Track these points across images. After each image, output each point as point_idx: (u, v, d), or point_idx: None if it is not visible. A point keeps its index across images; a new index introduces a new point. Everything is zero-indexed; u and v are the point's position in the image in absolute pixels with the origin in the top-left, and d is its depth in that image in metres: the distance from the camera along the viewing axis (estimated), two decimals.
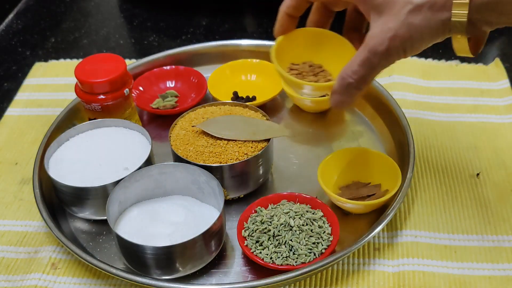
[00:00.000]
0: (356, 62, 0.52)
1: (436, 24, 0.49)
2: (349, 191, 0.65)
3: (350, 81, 0.53)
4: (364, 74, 0.53)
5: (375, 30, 0.51)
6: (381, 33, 0.50)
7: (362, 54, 0.52)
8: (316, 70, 0.62)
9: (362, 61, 0.52)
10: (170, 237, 0.58)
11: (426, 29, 0.49)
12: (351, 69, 0.53)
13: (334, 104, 0.56)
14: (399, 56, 0.52)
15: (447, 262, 0.60)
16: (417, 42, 0.50)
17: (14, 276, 0.62)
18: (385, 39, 0.50)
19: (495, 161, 0.71)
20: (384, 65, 0.52)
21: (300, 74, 0.61)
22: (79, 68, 0.71)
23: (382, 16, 0.51)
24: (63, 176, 0.64)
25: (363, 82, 0.53)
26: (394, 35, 0.50)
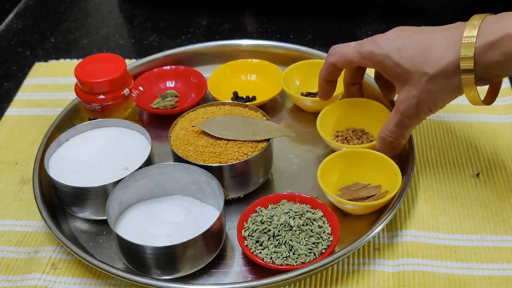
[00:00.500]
0: (392, 124, 0.64)
1: (451, 88, 0.58)
2: (349, 192, 0.65)
3: (390, 139, 0.65)
4: (400, 133, 0.64)
5: (402, 97, 0.62)
6: (407, 100, 0.61)
7: (395, 117, 0.63)
8: (359, 133, 0.72)
9: (397, 123, 0.63)
10: (170, 237, 0.58)
11: (443, 93, 0.59)
12: (388, 129, 0.64)
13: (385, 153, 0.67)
14: (426, 115, 0.62)
15: (447, 262, 0.60)
16: (439, 103, 0.60)
17: (14, 276, 0.62)
18: (412, 105, 0.61)
19: (495, 161, 0.71)
20: (415, 124, 0.63)
21: (345, 139, 0.72)
22: (79, 68, 0.71)
23: (405, 85, 0.61)
24: (63, 176, 0.64)
25: (401, 138, 0.65)
26: (418, 101, 0.60)
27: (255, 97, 0.80)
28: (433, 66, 0.57)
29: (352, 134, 0.72)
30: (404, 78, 0.60)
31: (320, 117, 0.71)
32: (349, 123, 0.73)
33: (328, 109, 0.72)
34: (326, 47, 0.79)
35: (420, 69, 0.58)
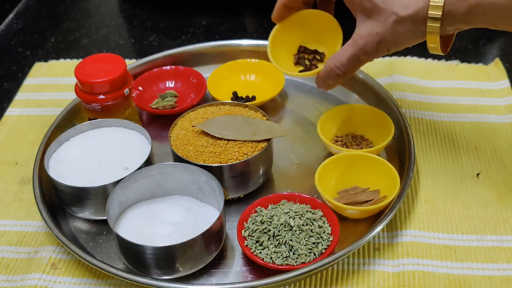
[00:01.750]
0: (345, 57, 0.62)
1: (416, 33, 0.58)
2: (347, 195, 0.65)
3: (338, 72, 0.63)
4: (351, 67, 0.62)
5: (364, 31, 0.60)
6: (370, 36, 0.60)
7: (351, 51, 0.61)
8: (358, 139, 0.72)
9: (351, 56, 0.61)
10: (170, 237, 0.58)
11: (407, 36, 0.59)
12: (339, 61, 0.62)
13: (320, 87, 0.66)
14: (383, 54, 0.61)
15: (447, 262, 0.60)
16: (400, 45, 0.60)
17: (14, 276, 0.62)
18: (374, 42, 0.60)
19: (495, 161, 0.71)
20: (369, 61, 0.62)
21: (345, 144, 0.71)
22: (79, 68, 0.71)
23: (370, 19, 0.60)
24: (63, 176, 0.64)
25: (349, 72, 0.63)
26: (381, 39, 0.59)
27: (255, 97, 0.80)
28: (404, 9, 0.57)
29: (351, 140, 0.72)
30: (370, 12, 0.59)
31: (320, 121, 0.71)
32: (349, 129, 0.73)
33: (329, 114, 0.72)
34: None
35: (391, 8, 0.58)
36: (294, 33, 0.70)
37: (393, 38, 0.59)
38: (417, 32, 0.58)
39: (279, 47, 0.70)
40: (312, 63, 0.70)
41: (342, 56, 0.62)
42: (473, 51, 0.90)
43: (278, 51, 0.69)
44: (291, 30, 0.69)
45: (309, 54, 0.71)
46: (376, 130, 0.71)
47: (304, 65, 0.70)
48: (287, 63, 0.71)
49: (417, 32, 0.58)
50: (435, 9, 0.56)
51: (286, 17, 0.69)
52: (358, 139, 0.72)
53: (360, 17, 0.61)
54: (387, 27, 0.59)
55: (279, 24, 0.69)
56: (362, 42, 0.60)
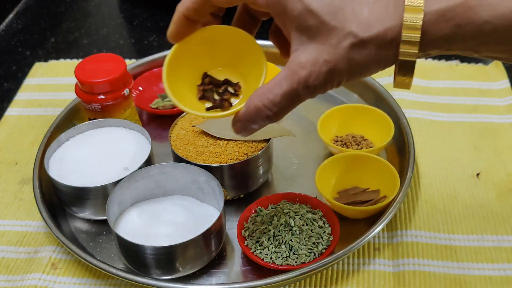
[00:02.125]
0: (278, 93, 0.44)
1: (380, 61, 0.43)
2: (347, 195, 0.65)
3: (269, 114, 0.45)
4: (286, 106, 0.45)
5: (306, 58, 0.43)
6: (314, 65, 0.43)
7: (287, 85, 0.44)
8: (358, 139, 0.68)
9: (288, 92, 0.44)
10: (170, 237, 0.58)
11: (368, 65, 0.43)
12: (270, 99, 0.45)
13: (240, 132, 0.49)
14: (331, 88, 0.45)
15: (447, 262, 0.60)
16: (355, 76, 0.44)
17: (14, 276, 0.62)
18: (320, 73, 0.43)
19: (495, 161, 0.71)
20: (310, 97, 0.45)
21: (345, 144, 0.67)
22: (79, 68, 0.71)
23: (314, 41, 0.43)
24: (63, 176, 0.64)
25: (282, 114, 0.45)
26: (332, 69, 0.43)
27: None
28: (366, 28, 0.41)
29: (351, 140, 0.71)
30: (315, 32, 0.42)
31: (320, 121, 0.71)
32: (349, 129, 0.73)
33: (329, 114, 0.72)
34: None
35: (346, 27, 0.42)
36: (198, 57, 0.51)
37: (348, 68, 0.43)
38: (381, 59, 0.43)
39: (178, 74, 0.50)
40: (224, 97, 0.51)
41: (273, 91, 0.44)
42: None
43: (177, 81, 0.50)
44: (194, 52, 0.50)
45: (218, 85, 0.52)
46: (376, 130, 0.71)
47: (213, 100, 0.51)
48: (189, 96, 0.52)
49: (381, 59, 0.43)
50: (411, 30, 0.41)
51: (187, 34, 0.49)
52: (358, 139, 0.72)
53: (299, 39, 0.44)
54: (340, 52, 0.42)
55: (178, 44, 0.50)
56: (304, 74, 0.43)
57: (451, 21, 0.40)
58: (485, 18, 0.39)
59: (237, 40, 0.50)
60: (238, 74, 0.52)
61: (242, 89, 0.51)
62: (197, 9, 0.47)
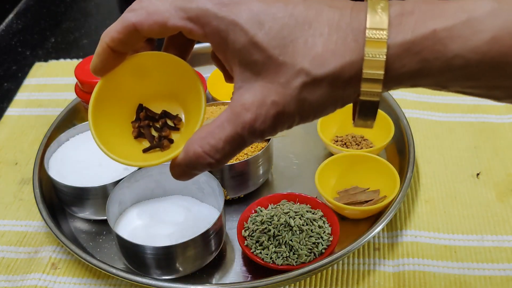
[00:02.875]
0: (221, 138, 0.39)
1: (336, 100, 0.38)
2: (347, 195, 0.65)
3: (211, 161, 0.40)
4: (229, 152, 0.40)
5: (250, 99, 0.38)
6: (261, 107, 0.37)
7: (231, 129, 0.39)
8: (358, 139, 0.68)
9: (231, 137, 0.39)
10: (170, 237, 0.58)
11: (321, 105, 0.38)
12: (212, 145, 0.40)
13: (178, 177, 0.44)
14: (281, 131, 0.40)
15: (447, 262, 0.60)
16: (308, 117, 0.39)
17: (14, 276, 0.62)
18: (268, 116, 0.38)
19: (495, 161, 0.71)
20: (259, 141, 0.42)
21: (345, 144, 0.68)
22: (79, 68, 0.71)
23: (260, 79, 0.38)
24: (63, 176, 0.64)
25: (225, 161, 0.40)
26: (280, 112, 0.37)
27: None
28: (320, 65, 0.36)
29: (351, 140, 0.71)
30: (261, 68, 0.37)
31: (320, 121, 0.71)
32: (349, 129, 0.73)
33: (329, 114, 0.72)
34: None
35: (296, 63, 0.36)
36: (129, 90, 0.44)
37: (299, 110, 0.38)
38: (337, 98, 0.38)
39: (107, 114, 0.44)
40: (163, 134, 0.45)
41: (215, 136, 0.39)
42: None
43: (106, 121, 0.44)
44: (124, 85, 0.44)
45: (155, 120, 0.45)
46: (376, 130, 0.71)
47: (150, 138, 0.45)
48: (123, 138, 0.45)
49: (338, 98, 0.38)
50: (373, 66, 0.36)
51: (114, 66, 0.42)
52: (358, 139, 0.71)
53: (242, 74, 0.38)
54: (290, 93, 0.37)
55: (104, 78, 0.42)
56: (249, 117, 0.38)
57: (418, 55, 0.35)
58: (456, 52, 0.34)
59: (171, 67, 0.44)
60: (177, 103, 0.46)
61: (182, 122, 0.46)
62: (124, 41, 0.40)
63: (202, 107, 0.44)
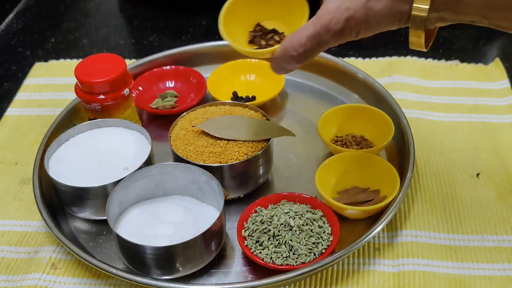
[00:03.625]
0: (305, 35, 0.50)
1: (395, 14, 0.48)
2: (347, 196, 0.65)
3: (293, 53, 0.51)
4: (310, 48, 0.51)
5: (331, 6, 0.49)
6: (337, 11, 0.49)
7: (313, 28, 0.50)
8: (358, 139, 0.69)
9: (312, 35, 0.50)
10: (170, 237, 0.58)
11: (384, 17, 0.48)
12: (297, 40, 0.51)
13: (275, 70, 0.55)
14: (350, 38, 0.50)
15: (447, 262, 0.60)
16: (372, 28, 0.49)
17: (14, 276, 0.62)
18: (341, 19, 0.48)
19: (495, 161, 0.71)
20: (332, 44, 0.51)
21: (345, 144, 0.69)
22: (79, 68, 0.71)
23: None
24: (63, 176, 0.64)
25: (306, 56, 0.51)
26: (351, 16, 0.48)
27: (255, 97, 0.80)
28: None
29: (351, 140, 0.71)
30: None
31: (320, 121, 0.71)
32: (349, 129, 0.73)
33: (329, 114, 0.72)
34: None
35: None
36: (251, 8, 0.60)
37: (365, 17, 0.48)
38: (396, 12, 0.48)
39: (233, 22, 0.60)
40: (269, 43, 0.60)
41: (301, 34, 0.50)
42: (473, 51, 0.90)
43: (232, 27, 0.60)
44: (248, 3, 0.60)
45: (266, 33, 0.61)
46: (376, 130, 0.71)
47: (259, 44, 0.60)
48: (241, 40, 0.61)
49: (396, 12, 0.48)
50: None
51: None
52: (358, 139, 0.71)
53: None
54: (361, 1, 0.48)
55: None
56: (327, 18, 0.49)
57: None
58: None
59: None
60: (285, 25, 0.60)
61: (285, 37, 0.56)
62: None
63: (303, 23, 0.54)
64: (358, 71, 0.80)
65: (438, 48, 0.91)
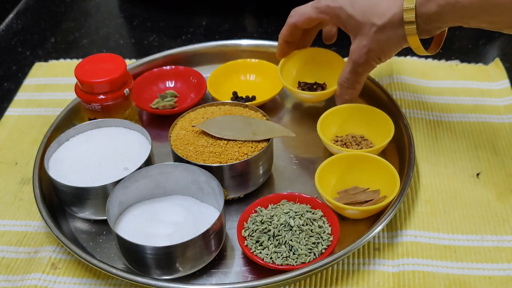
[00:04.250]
0: (347, 71, 0.70)
1: (398, 38, 0.64)
2: (347, 196, 0.65)
3: (346, 85, 0.71)
4: (354, 79, 0.70)
5: (354, 47, 0.68)
6: (359, 49, 0.67)
7: (349, 65, 0.69)
8: (358, 139, 0.72)
9: (350, 70, 0.69)
10: (170, 237, 0.58)
11: (390, 42, 0.65)
12: (344, 76, 0.71)
13: (341, 102, 0.73)
14: (376, 63, 0.68)
15: (447, 262, 0.60)
16: (387, 52, 0.66)
17: (14, 276, 0.62)
18: (362, 53, 0.67)
19: (495, 161, 0.71)
20: (367, 71, 0.69)
21: (345, 144, 0.71)
22: (79, 68, 0.71)
23: (357, 35, 0.67)
24: (63, 176, 0.64)
25: (355, 84, 0.71)
26: (368, 50, 0.66)
27: (255, 97, 0.80)
28: (381, 18, 0.64)
29: (351, 140, 0.71)
30: (356, 29, 0.66)
31: (320, 121, 0.71)
32: (350, 129, 0.73)
33: (329, 114, 0.72)
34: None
35: (370, 20, 0.65)
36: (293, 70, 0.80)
37: (379, 47, 0.65)
38: (398, 36, 0.64)
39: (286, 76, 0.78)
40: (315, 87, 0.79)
41: (344, 71, 0.70)
42: (473, 51, 0.90)
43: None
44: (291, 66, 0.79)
45: (310, 86, 0.79)
46: (376, 130, 0.71)
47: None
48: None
49: (399, 36, 0.64)
50: (408, 12, 0.61)
51: (288, 52, 0.78)
52: (358, 139, 0.71)
53: (352, 36, 0.68)
54: (371, 38, 0.65)
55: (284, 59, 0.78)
56: (354, 56, 0.67)
57: (434, 2, 0.59)
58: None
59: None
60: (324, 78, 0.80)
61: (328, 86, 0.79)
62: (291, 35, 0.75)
63: None
64: None
65: None
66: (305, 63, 0.80)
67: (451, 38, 0.92)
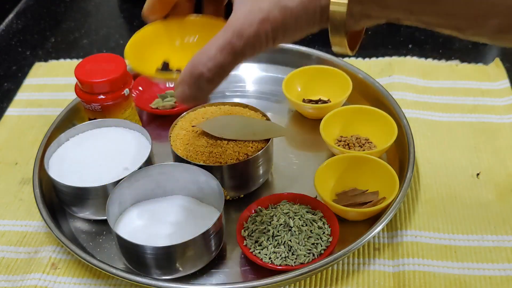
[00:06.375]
0: (215, 46, 0.42)
1: (314, 11, 0.42)
2: (346, 197, 0.65)
3: (203, 70, 0.42)
4: (222, 62, 0.42)
5: (242, 10, 0.42)
6: (249, 14, 0.42)
7: (223, 37, 0.42)
8: (362, 141, 0.69)
9: (223, 45, 0.42)
10: (170, 237, 0.58)
11: (301, 15, 0.42)
12: (206, 54, 0.42)
13: (179, 97, 0.46)
14: (267, 43, 0.43)
15: (447, 262, 0.60)
16: (291, 30, 0.42)
17: (14, 276, 0.62)
18: (254, 21, 0.41)
19: (495, 161, 0.71)
20: (248, 54, 0.43)
21: (347, 145, 0.68)
22: (79, 68, 0.71)
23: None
24: (63, 176, 0.64)
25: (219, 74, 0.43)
26: (265, 17, 0.41)
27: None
28: None
29: (355, 141, 0.71)
30: None
31: (323, 121, 0.71)
32: (355, 130, 0.73)
33: (332, 114, 0.72)
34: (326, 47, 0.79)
35: None
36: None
37: (281, 17, 0.42)
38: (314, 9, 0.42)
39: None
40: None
41: (210, 45, 0.42)
42: (473, 51, 0.90)
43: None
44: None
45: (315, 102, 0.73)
46: (379, 132, 0.71)
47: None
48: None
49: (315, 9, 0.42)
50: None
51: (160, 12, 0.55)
52: (362, 141, 0.71)
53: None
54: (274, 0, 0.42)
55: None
56: (239, 23, 0.42)
57: None
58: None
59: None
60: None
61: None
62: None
63: None
64: (358, 71, 0.80)
65: (438, 48, 0.91)
66: (310, 81, 0.79)
67: (451, 38, 0.92)
